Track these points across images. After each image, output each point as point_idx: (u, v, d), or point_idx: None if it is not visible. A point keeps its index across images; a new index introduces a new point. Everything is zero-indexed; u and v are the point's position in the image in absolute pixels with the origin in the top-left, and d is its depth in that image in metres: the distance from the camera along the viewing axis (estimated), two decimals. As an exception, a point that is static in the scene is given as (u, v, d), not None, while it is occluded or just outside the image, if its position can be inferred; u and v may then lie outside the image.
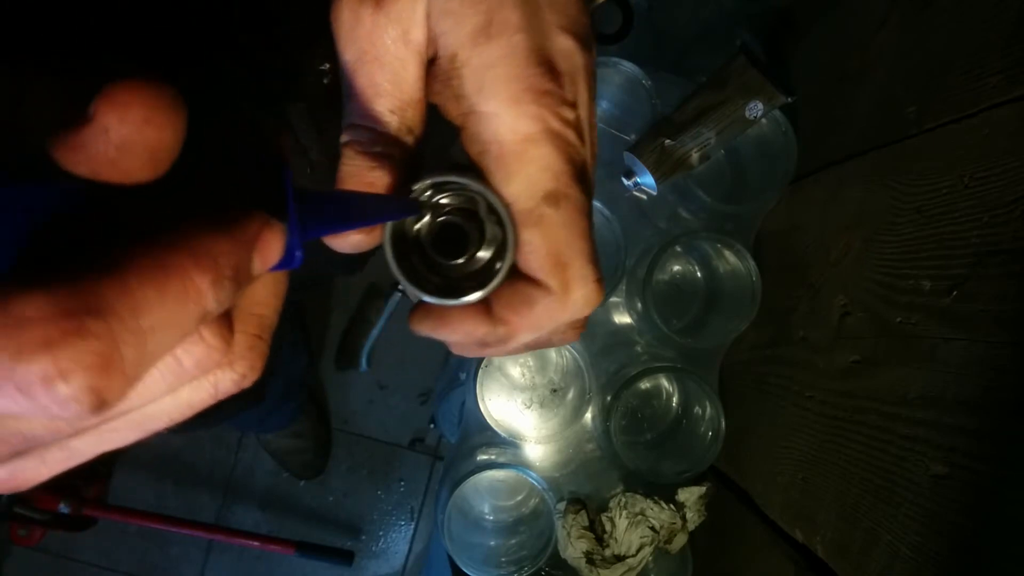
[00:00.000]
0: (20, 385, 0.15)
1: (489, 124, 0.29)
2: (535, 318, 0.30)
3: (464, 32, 0.28)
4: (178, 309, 0.17)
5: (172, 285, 0.17)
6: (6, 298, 0.15)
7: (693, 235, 0.79)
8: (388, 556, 1.71)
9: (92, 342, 0.15)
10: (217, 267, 0.18)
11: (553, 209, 0.29)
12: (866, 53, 0.69)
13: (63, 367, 0.15)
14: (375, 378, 1.71)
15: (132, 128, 0.18)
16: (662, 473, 0.81)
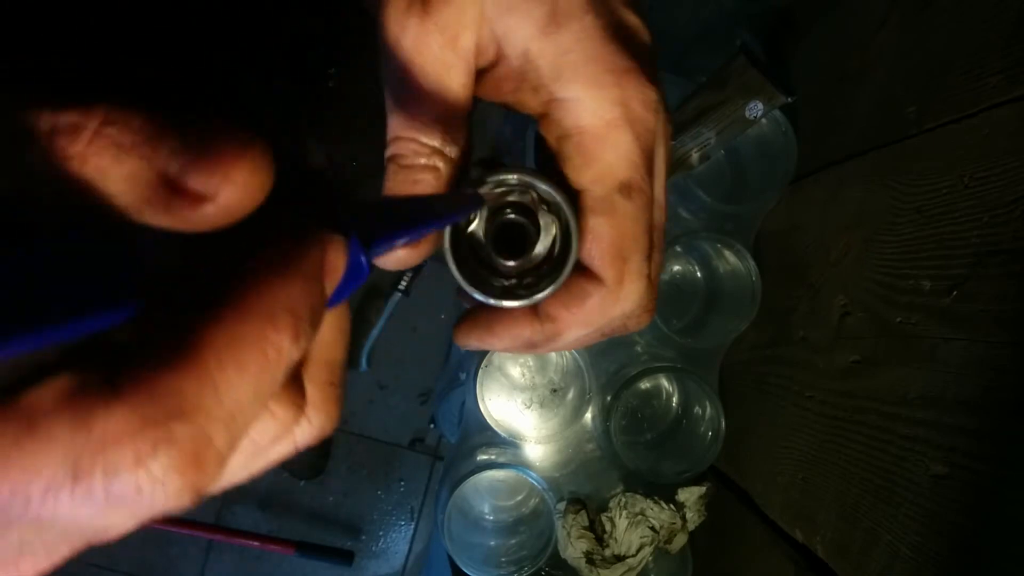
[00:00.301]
0: (117, 500, 0.15)
1: (571, 110, 0.29)
2: (586, 313, 0.30)
3: (531, 26, 0.28)
4: (262, 378, 0.16)
5: (253, 357, 0.16)
6: (89, 417, 0.14)
7: (693, 235, 0.79)
8: (388, 556, 1.71)
9: (183, 445, 0.15)
10: (296, 318, 0.17)
11: (625, 199, 0.29)
12: (866, 53, 0.69)
13: (156, 477, 0.15)
14: (375, 378, 1.71)
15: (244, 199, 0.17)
16: (662, 473, 0.81)
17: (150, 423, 0.15)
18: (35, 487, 0.14)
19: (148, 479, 0.15)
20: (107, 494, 0.15)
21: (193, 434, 0.15)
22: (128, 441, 0.14)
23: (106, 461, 0.14)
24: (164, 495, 0.15)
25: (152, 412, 0.15)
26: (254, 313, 0.16)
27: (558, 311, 0.30)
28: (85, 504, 0.15)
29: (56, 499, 0.15)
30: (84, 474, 0.14)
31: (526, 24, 0.28)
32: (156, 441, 0.15)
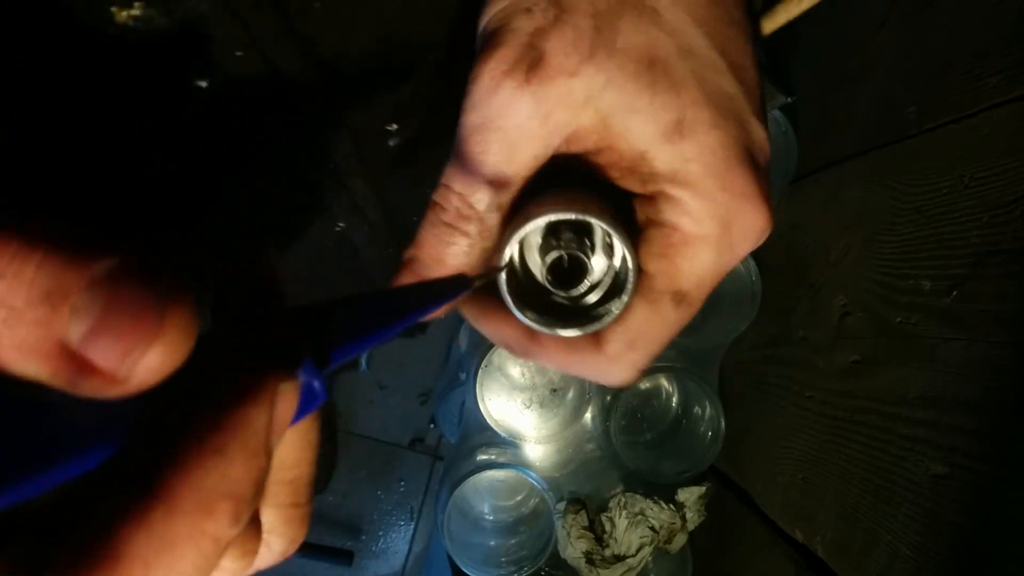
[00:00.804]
0: None
1: (674, 209, 0.28)
2: (572, 361, 0.31)
3: (654, 131, 0.28)
4: (198, 568, 0.14)
5: (187, 553, 0.14)
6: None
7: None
8: (388, 556, 1.71)
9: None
10: (236, 502, 0.14)
11: (673, 307, 0.29)
12: (866, 53, 0.69)
13: None
14: (375, 378, 1.71)
15: (165, 368, 0.14)
16: (662, 473, 0.81)
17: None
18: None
19: None
20: None
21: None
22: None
23: None
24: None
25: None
26: (188, 505, 0.14)
27: (553, 346, 0.31)
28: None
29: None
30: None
31: (649, 128, 0.28)
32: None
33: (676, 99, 0.27)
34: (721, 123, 0.28)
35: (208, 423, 0.14)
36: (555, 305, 0.31)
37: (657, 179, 0.29)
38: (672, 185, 0.28)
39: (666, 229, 0.29)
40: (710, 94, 0.28)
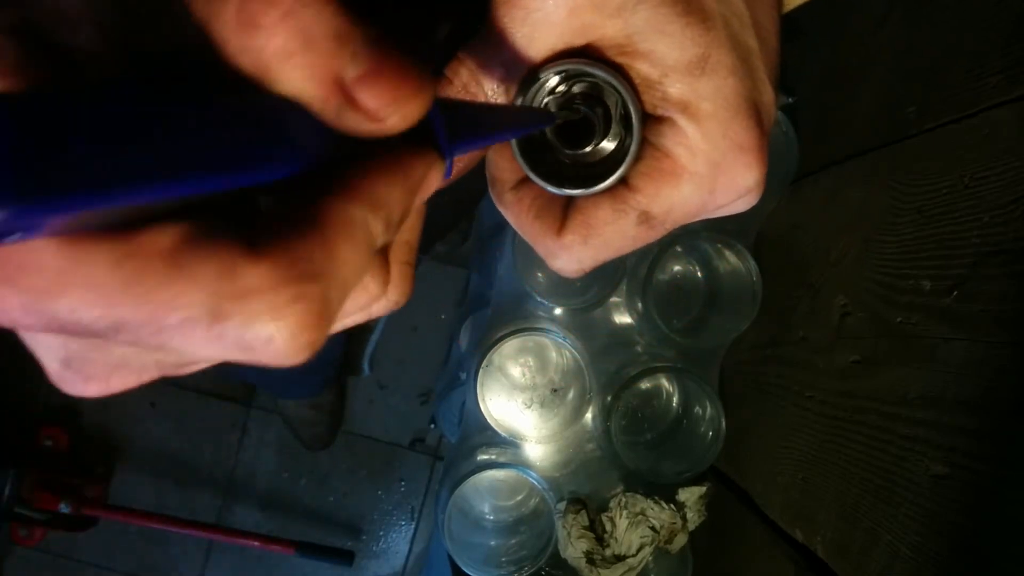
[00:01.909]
0: (244, 345, 0.16)
1: (675, 135, 0.29)
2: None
3: (679, 57, 0.28)
4: (363, 258, 0.18)
5: (359, 237, 0.18)
6: (234, 267, 0.16)
7: (693, 235, 0.79)
8: (388, 556, 1.72)
9: (313, 304, 0.17)
10: (389, 214, 0.19)
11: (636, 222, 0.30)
12: (866, 52, 0.69)
13: (288, 331, 0.16)
14: (375, 378, 1.71)
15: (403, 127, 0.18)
16: (662, 473, 0.81)
17: (288, 281, 0.16)
18: (173, 318, 0.16)
19: (279, 331, 0.16)
20: (238, 340, 0.16)
21: (320, 295, 0.17)
22: (269, 294, 0.16)
23: (245, 309, 0.16)
24: (288, 348, 0.17)
25: (289, 272, 0.16)
26: (363, 202, 0.18)
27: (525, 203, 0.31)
28: (213, 344, 0.16)
29: (187, 334, 0.16)
30: (222, 317, 0.16)
31: (674, 53, 0.28)
32: (292, 298, 0.16)
33: (705, 35, 0.28)
34: (739, 72, 0.29)
35: (389, 159, 0.19)
36: (554, 164, 0.32)
37: (667, 105, 0.29)
38: (681, 114, 0.29)
39: (659, 153, 0.29)
40: (734, 42, 0.29)
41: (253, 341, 0.16)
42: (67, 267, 0.15)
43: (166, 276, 0.16)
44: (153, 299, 0.16)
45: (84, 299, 0.16)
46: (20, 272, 0.15)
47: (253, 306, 0.16)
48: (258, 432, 1.70)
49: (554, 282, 0.84)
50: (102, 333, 0.16)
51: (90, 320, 0.16)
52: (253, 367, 1.26)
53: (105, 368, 0.19)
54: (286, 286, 0.16)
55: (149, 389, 1.68)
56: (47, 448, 1.60)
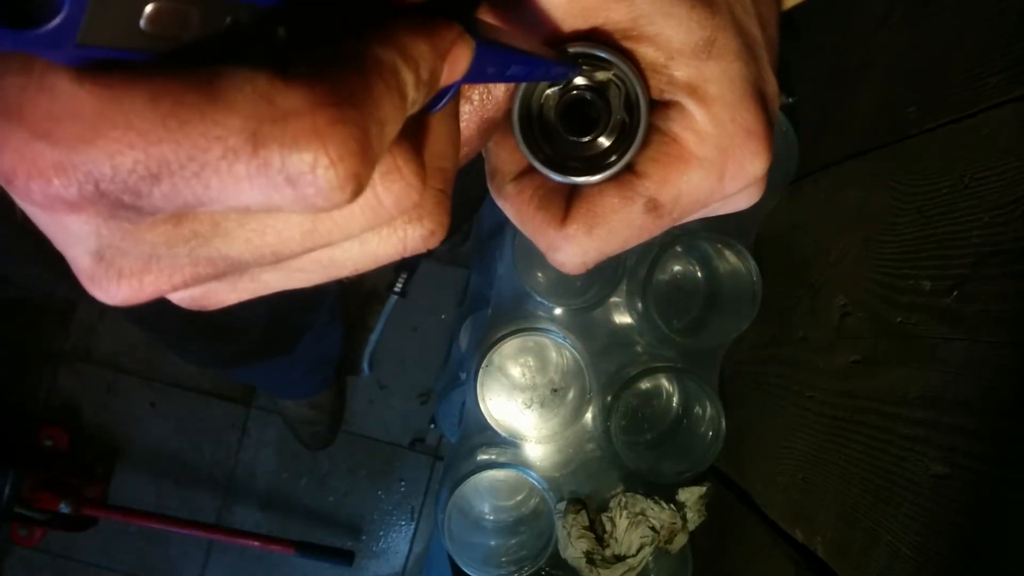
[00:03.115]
0: (290, 175, 0.16)
1: (682, 122, 0.28)
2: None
3: (685, 40, 0.28)
4: (396, 106, 0.18)
5: (391, 81, 0.18)
6: (270, 91, 0.15)
7: (693, 235, 0.79)
8: (388, 556, 1.71)
9: (353, 129, 0.16)
10: (418, 68, 0.19)
11: (645, 213, 0.29)
12: (866, 53, 0.69)
13: (332, 155, 0.16)
14: (375, 378, 1.71)
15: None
16: (662, 473, 0.81)
17: (326, 104, 0.16)
18: (213, 151, 0.15)
19: (325, 155, 0.16)
20: (283, 169, 0.16)
21: (360, 121, 0.16)
22: (308, 116, 0.16)
23: (286, 134, 0.15)
24: (335, 177, 0.16)
25: (328, 96, 0.16)
26: (393, 47, 0.18)
27: (526, 194, 0.31)
28: (257, 178, 0.16)
29: (230, 167, 0.16)
30: (264, 144, 0.15)
31: (680, 36, 0.28)
32: (332, 119, 0.16)
33: (711, 18, 0.28)
34: (745, 57, 0.28)
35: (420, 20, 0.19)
36: (557, 152, 0.31)
37: (674, 89, 0.29)
38: (688, 98, 0.28)
39: (667, 138, 0.29)
40: (739, 28, 0.28)
41: (298, 167, 0.16)
42: (104, 108, 0.15)
43: (204, 106, 0.15)
44: (192, 130, 0.15)
45: (123, 140, 0.15)
46: (54, 121, 0.15)
47: (293, 129, 0.16)
48: (258, 432, 1.70)
49: (554, 282, 0.84)
50: (140, 185, 0.16)
51: (129, 165, 0.15)
52: (253, 369, 1.26)
53: (139, 262, 0.19)
54: (325, 108, 0.16)
55: (149, 389, 1.68)
56: (47, 448, 1.60)
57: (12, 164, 0.16)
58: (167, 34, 0.16)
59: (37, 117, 0.15)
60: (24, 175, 0.16)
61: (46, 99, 0.15)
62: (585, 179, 0.30)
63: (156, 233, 0.18)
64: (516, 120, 0.30)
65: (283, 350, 1.18)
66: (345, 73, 0.17)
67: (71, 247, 0.19)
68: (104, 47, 0.15)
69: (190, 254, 0.19)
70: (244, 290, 0.22)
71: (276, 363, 1.23)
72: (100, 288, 0.19)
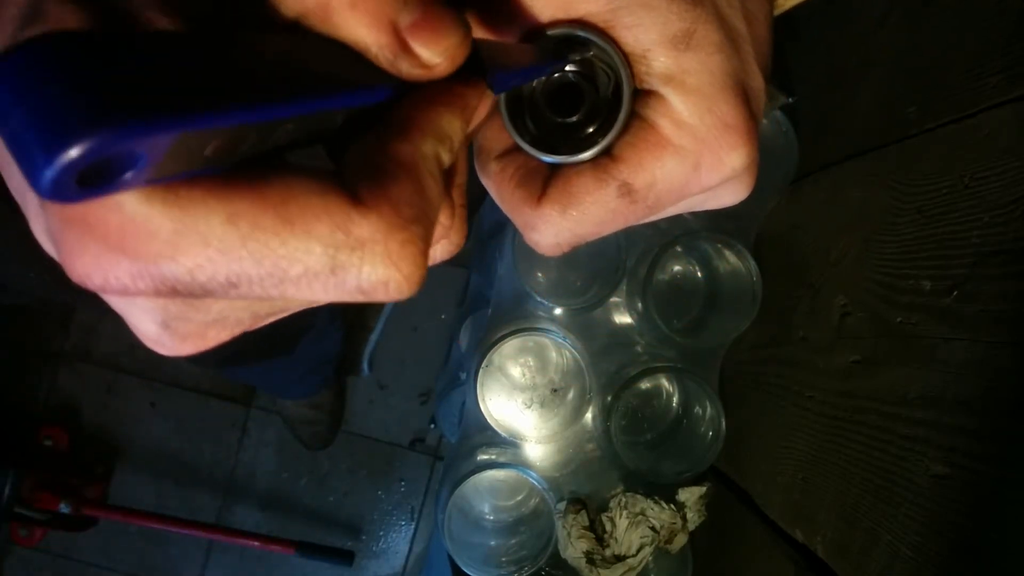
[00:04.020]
0: (362, 291, 0.18)
1: (659, 109, 0.28)
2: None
3: (664, 32, 0.28)
4: (441, 190, 0.20)
5: (437, 172, 0.20)
6: (346, 221, 0.17)
7: (693, 235, 0.79)
8: (388, 556, 1.71)
9: (419, 246, 0.18)
10: (453, 144, 0.21)
11: (616, 193, 0.29)
12: (866, 53, 0.69)
13: (404, 272, 0.18)
14: (375, 378, 1.71)
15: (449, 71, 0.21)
16: (662, 473, 0.81)
17: (397, 228, 0.18)
18: (293, 271, 0.17)
19: (395, 274, 0.18)
20: (357, 286, 0.18)
21: (424, 235, 0.18)
22: (382, 243, 0.18)
23: (363, 262, 0.17)
24: (403, 287, 0.18)
25: (397, 220, 0.18)
26: (434, 137, 0.20)
27: (509, 171, 0.31)
28: (331, 292, 0.18)
29: (308, 285, 0.17)
30: (342, 268, 0.17)
31: (658, 27, 0.28)
32: (402, 243, 0.18)
33: (692, 10, 0.28)
34: (726, 50, 0.28)
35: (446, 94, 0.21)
36: (542, 133, 0.31)
37: (652, 79, 0.29)
38: (666, 86, 0.28)
39: (644, 124, 0.29)
40: (722, 21, 0.28)
41: (373, 286, 0.18)
42: (180, 228, 0.16)
43: (283, 231, 0.17)
44: (273, 254, 0.16)
45: (203, 256, 0.16)
46: (129, 238, 0.16)
47: (368, 256, 0.17)
48: (258, 432, 1.70)
49: (554, 282, 0.84)
50: (216, 290, 0.17)
51: (206, 279, 0.16)
52: (253, 369, 1.26)
53: (201, 326, 0.20)
54: (397, 233, 0.18)
55: (149, 389, 1.68)
56: (47, 448, 1.60)
57: (88, 272, 0.16)
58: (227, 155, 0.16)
59: (109, 231, 0.16)
60: (101, 281, 0.16)
61: (116, 216, 0.16)
62: (564, 158, 0.30)
63: (221, 303, 0.20)
64: (503, 99, 0.30)
65: (283, 350, 1.18)
66: (404, 186, 0.18)
67: (135, 318, 0.20)
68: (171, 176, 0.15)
69: (253, 315, 0.21)
70: (282, 314, 0.24)
71: (276, 363, 1.23)
72: (165, 349, 0.21)
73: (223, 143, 0.16)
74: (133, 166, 0.14)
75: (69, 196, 0.13)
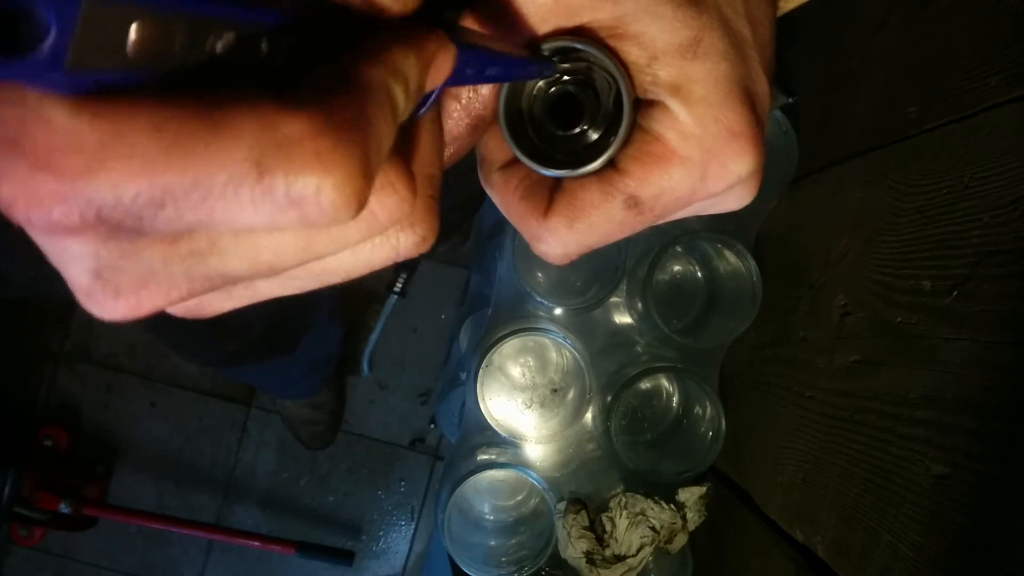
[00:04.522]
0: (294, 199, 0.17)
1: (664, 121, 0.28)
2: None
3: (670, 40, 0.28)
4: (391, 124, 0.19)
5: (384, 100, 0.18)
6: (273, 119, 0.16)
7: (693, 235, 0.79)
8: (388, 556, 1.72)
9: (354, 151, 0.17)
10: (407, 81, 0.20)
11: (622, 206, 0.29)
12: (866, 53, 0.69)
13: (336, 178, 0.17)
14: (375, 378, 1.71)
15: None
16: (662, 473, 0.81)
17: (327, 129, 0.17)
18: (218, 178, 0.16)
19: (326, 179, 0.17)
20: (286, 192, 0.16)
21: (360, 143, 0.17)
22: (311, 142, 0.16)
23: (289, 158, 0.16)
24: (337, 198, 0.17)
25: (328, 121, 0.17)
26: (383, 67, 0.19)
27: (512, 183, 0.31)
28: (260, 203, 0.16)
29: (235, 194, 0.16)
30: (268, 170, 0.16)
31: (665, 36, 0.28)
32: (334, 144, 0.17)
33: (697, 19, 0.28)
34: (732, 58, 0.28)
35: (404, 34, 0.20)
36: (542, 145, 0.31)
37: (658, 88, 0.29)
38: (671, 97, 0.28)
39: (649, 136, 0.29)
40: (727, 28, 0.28)
41: (301, 192, 0.16)
42: (105, 139, 0.15)
43: (207, 135, 0.16)
44: (198, 159, 0.16)
45: (127, 170, 0.15)
46: (55, 153, 0.15)
47: (297, 155, 0.16)
48: (258, 432, 1.70)
49: (554, 282, 0.84)
50: (144, 211, 0.16)
51: (133, 195, 0.16)
52: (253, 369, 1.26)
53: (136, 280, 0.19)
54: (327, 134, 0.17)
55: (149, 389, 1.68)
56: (47, 448, 1.60)
57: (12, 194, 0.16)
58: (153, 56, 0.16)
59: (37, 149, 0.15)
60: (25, 205, 0.16)
61: (44, 130, 0.15)
62: (567, 172, 0.30)
63: (153, 252, 0.19)
64: (502, 112, 0.30)
65: (283, 350, 1.18)
66: (341, 96, 0.17)
67: (69, 266, 0.19)
68: (93, 71, 0.15)
69: (187, 272, 0.19)
70: (239, 298, 0.23)
71: (276, 363, 1.23)
72: (98, 305, 0.20)
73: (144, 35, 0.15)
74: (44, 36, 0.14)
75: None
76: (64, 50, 0.14)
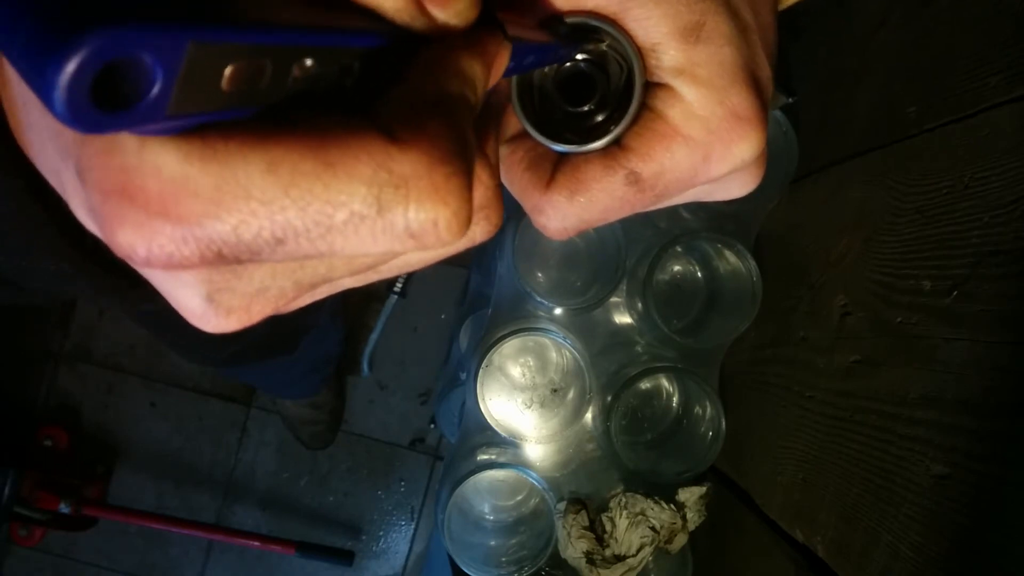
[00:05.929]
0: (413, 232, 0.17)
1: (668, 100, 0.29)
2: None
3: (674, 25, 0.28)
4: (471, 131, 0.19)
5: (466, 111, 0.19)
6: (386, 159, 0.17)
7: (693, 235, 0.79)
8: (388, 556, 1.72)
9: (463, 179, 0.18)
10: (477, 90, 0.20)
11: (624, 181, 0.30)
12: (866, 53, 0.69)
13: (452, 207, 0.17)
14: (375, 378, 1.71)
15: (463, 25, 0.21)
16: (662, 473, 0.81)
17: (439, 162, 0.17)
18: (339, 217, 0.16)
19: (443, 210, 0.17)
20: (406, 227, 0.17)
21: (467, 169, 0.18)
22: (427, 180, 0.17)
23: (408, 197, 0.17)
24: (452, 226, 0.18)
25: (438, 153, 0.17)
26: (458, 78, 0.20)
27: (518, 155, 0.31)
28: (380, 237, 0.17)
29: (355, 231, 0.17)
30: (388, 208, 0.17)
31: (668, 21, 0.28)
32: (447, 176, 0.17)
33: (701, 3, 0.28)
34: (736, 42, 0.28)
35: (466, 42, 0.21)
36: (552, 121, 0.32)
37: (663, 72, 0.29)
38: (676, 78, 0.29)
39: (654, 115, 0.29)
40: (731, 12, 0.28)
41: (422, 226, 0.17)
42: (221, 183, 0.15)
43: (324, 174, 0.16)
44: (317, 199, 0.16)
45: (246, 211, 0.16)
46: (170, 199, 0.15)
47: (414, 192, 0.17)
48: (258, 432, 1.70)
49: (554, 282, 0.84)
50: (262, 249, 0.16)
51: (254, 234, 0.16)
52: (254, 369, 1.26)
53: (245, 297, 0.20)
54: (440, 166, 0.17)
55: (149, 389, 1.68)
56: (47, 448, 1.60)
57: (131, 242, 0.16)
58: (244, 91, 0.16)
59: (149, 197, 0.15)
60: (145, 250, 0.16)
61: (155, 179, 0.15)
62: (573, 148, 0.30)
63: (263, 271, 0.19)
64: (514, 86, 0.30)
65: (284, 350, 1.18)
66: (439, 122, 0.18)
67: (179, 291, 0.20)
68: (192, 114, 0.15)
69: (295, 283, 0.20)
70: (322, 293, 0.23)
71: (276, 363, 1.23)
72: (210, 325, 0.20)
73: (239, 72, 0.15)
74: (149, 87, 0.14)
75: (88, 119, 0.13)
76: (167, 99, 0.14)
